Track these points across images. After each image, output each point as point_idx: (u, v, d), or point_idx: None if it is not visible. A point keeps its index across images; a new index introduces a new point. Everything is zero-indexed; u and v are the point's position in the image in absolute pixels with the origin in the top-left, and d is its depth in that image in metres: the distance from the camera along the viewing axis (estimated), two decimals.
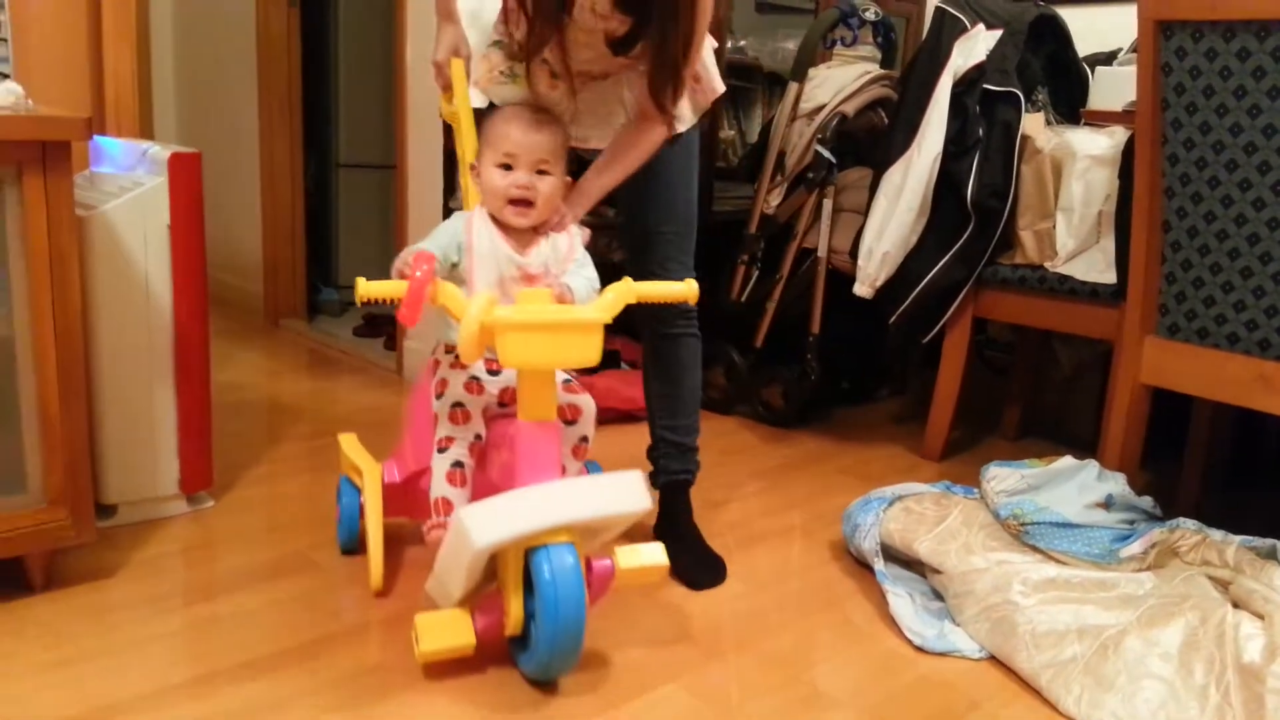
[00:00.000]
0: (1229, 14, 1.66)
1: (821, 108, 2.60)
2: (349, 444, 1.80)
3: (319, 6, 3.84)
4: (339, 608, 1.61)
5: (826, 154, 2.55)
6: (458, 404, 1.47)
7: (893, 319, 2.47)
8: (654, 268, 1.72)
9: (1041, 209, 2.32)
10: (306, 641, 1.51)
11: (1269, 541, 1.51)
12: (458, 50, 1.64)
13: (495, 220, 1.47)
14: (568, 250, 1.50)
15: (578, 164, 1.64)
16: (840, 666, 1.54)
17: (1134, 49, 2.19)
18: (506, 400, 1.51)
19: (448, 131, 2.74)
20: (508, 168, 1.44)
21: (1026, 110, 2.33)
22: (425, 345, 2.91)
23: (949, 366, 2.47)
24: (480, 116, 1.60)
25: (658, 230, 1.73)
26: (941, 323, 2.44)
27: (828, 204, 2.59)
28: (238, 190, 3.70)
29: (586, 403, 1.53)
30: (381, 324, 3.46)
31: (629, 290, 1.41)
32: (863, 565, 1.86)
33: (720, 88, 1.71)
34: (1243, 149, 1.70)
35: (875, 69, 2.68)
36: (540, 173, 1.44)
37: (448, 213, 2.77)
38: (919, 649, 1.59)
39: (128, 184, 1.81)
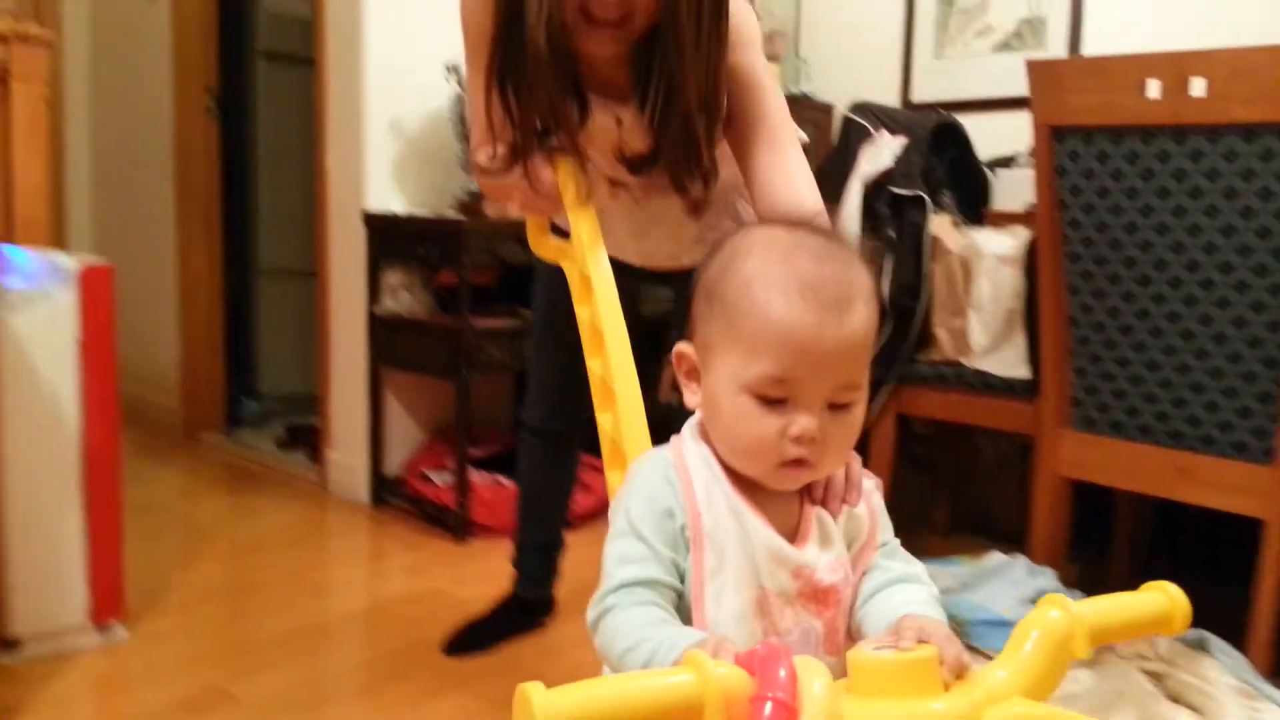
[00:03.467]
0: (1116, 119, 1.76)
1: None
2: None
3: (238, 114, 3.84)
4: None
5: None
6: None
7: None
8: None
9: (954, 306, 2.40)
10: None
11: (1197, 632, 1.54)
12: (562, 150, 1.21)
13: (729, 473, 0.77)
14: (870, 527, 0.80)
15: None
16: None
17: (1032, 152, 2.30)
18: None
19: (371, 238, 2.73)
20: (777, 401, 0.72)
21: (933, 212, 2.43)
22: (352, 458, 2.85)
23: (876, 465, 2.50)
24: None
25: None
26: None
27: None
28: (154, 300, 3.62)
29: None
30: (304, 434, 3.37)
31: (1075, 625, 0.67)
32: None
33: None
34: (1139, 246, 1.79)
35: None
36: (838, 406, 0.73)
37: (372, 319, 2.74)
38: None
39: (36, 297, 1.76)
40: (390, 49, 2.73)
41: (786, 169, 1.16)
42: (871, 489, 0.81)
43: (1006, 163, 2.77)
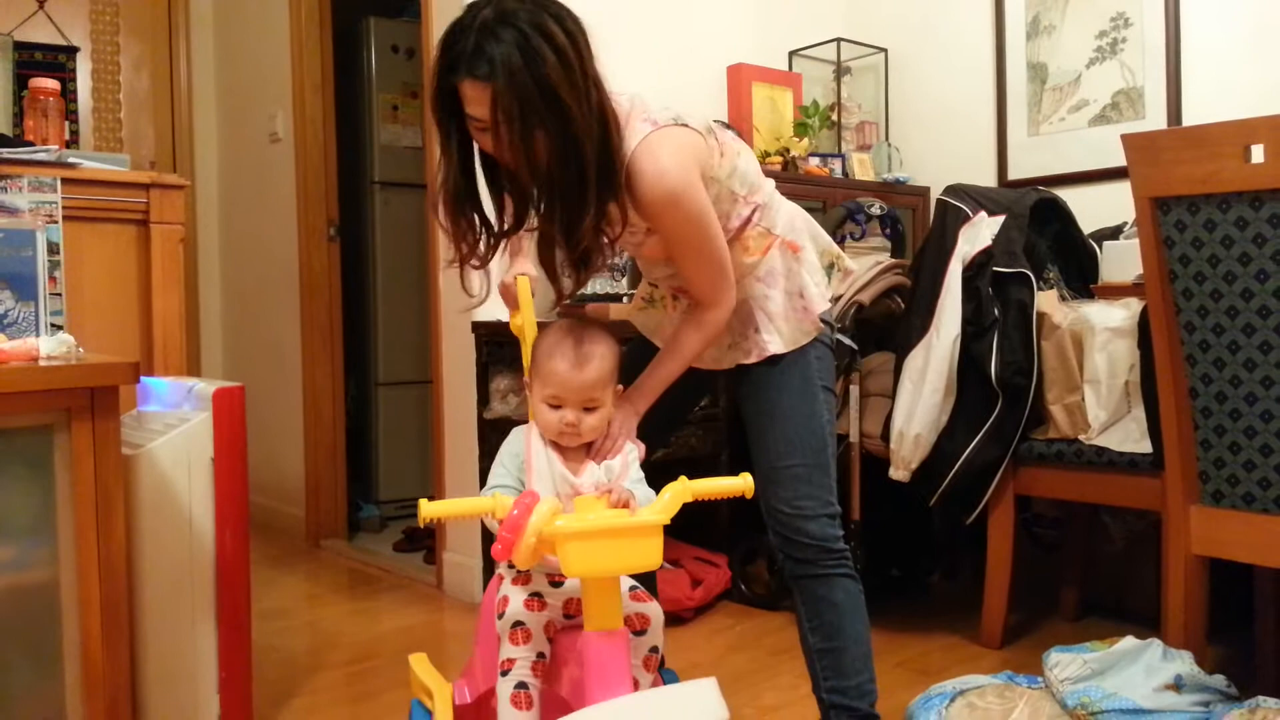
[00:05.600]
0: (1220, 187, 1.72)
1: (839, 298, 2.67)
2: (419, 664, 1.74)
3: (356, 238, 4.07)
4: None
5: (848, 341, 2.60)
6: (518, 623, 1.40)
7: (932, 501, 2.44)
8: (781, 506, 1.62)
9: (1068, 383, 2.33)
10: None
11: None
12: (524, 272, 1.71)
13: (548, 440, 1.46)
14: (620, 470, 1.46)
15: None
16: None
17: (1136, 223, 2.25)
18: (572, 611, 1.44)
19: (480, 346, 2.84)
20: (556, 405, 1.42)
21: (1039, 288, 2.38)
22: (465, 557, 2.91)
23: (997, 547, 2.42)
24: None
25: (781, 465, 1.62)
26: (983, 502, 2.41)
27: (854, 390, 2.62)
28: (281, 415, 3.81)
29: (654, 611, 1.45)
30: (421, 538, 3.46)
31: (685, 489, 1.36)
32: None
33: (821, 307, 1.65)
34: (1257, 313, 1.72)
35: (886, 258, 2.77)
36: (588, 409, 1.43)
37: (482, 423, 2.83)
38: None
39: (173, 421, 1.88)
40: None
41: (688, 279, 1.58)
42: (631, 450, 1.48)
43: (1113, 234, 2.71)
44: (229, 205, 4.24)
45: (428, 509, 1.28)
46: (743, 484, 1.41)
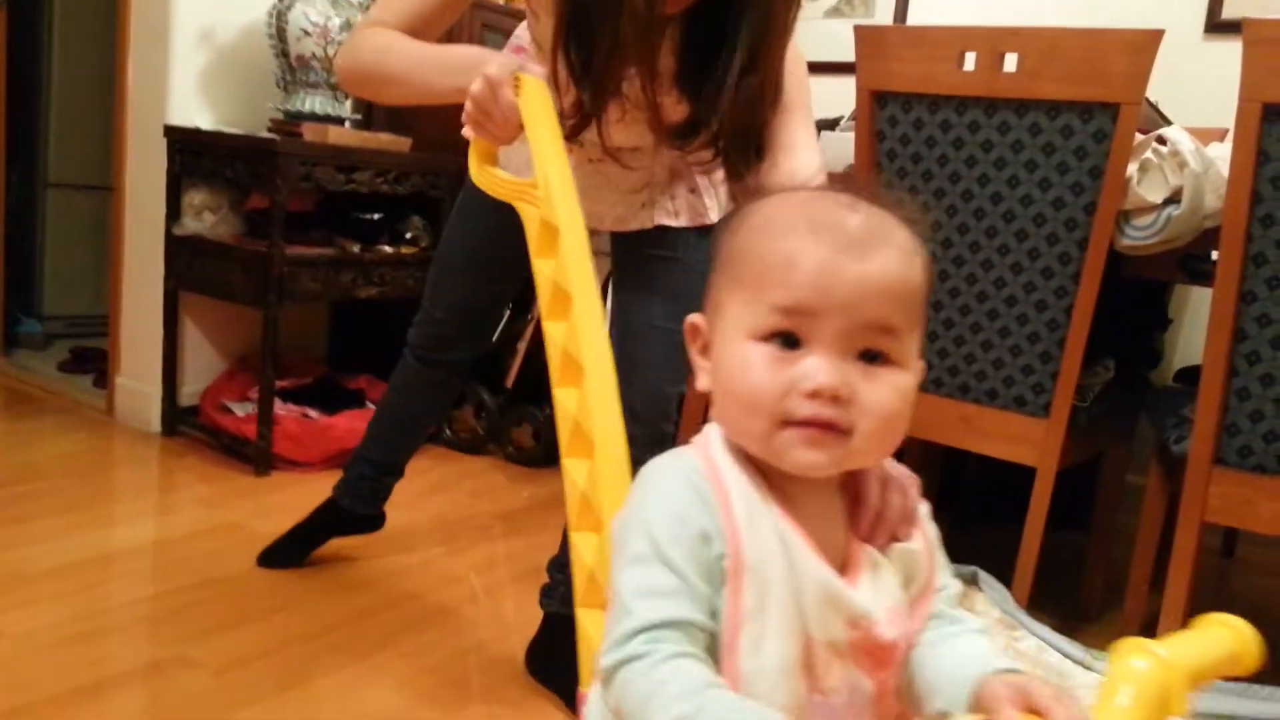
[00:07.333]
0: (933, 89, 1.84)
1: None
2: None
3: (30, 11, 3.48)
4: (30, 677, 1.42)
5: None
6: None
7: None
8: (652, 359, 1.36)
9: None
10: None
11: (970, 568, 1.66)
12: (524, 69, 1.11)
13: (766, 478, 0.61)
14: (928, 560, 0.66)
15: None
16: None
17: (854, 117, 2.38)
18: None
19: (172, 153, 2.54)
20: (788, 340, 0.60)
21: None
22: (142, 383, 2.67)
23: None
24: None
25: (663, 326, 1.37)
26: None
27: None
28: None
29: None
30: (91, 358, 3.13)
31: (1176, 683, 0.52)
32: None
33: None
34: (945, 211, 1.88)
35: None
36: (871, 357, 0.61)
37: (170, 240, 2.56)
38: None
39: None
40: None
41: (796, 144, 1.20)
42: (926, 516, 0.67)
43: (831, 125, 2.85)
44: None
45: None
46: (1238, 642, 0.58)
